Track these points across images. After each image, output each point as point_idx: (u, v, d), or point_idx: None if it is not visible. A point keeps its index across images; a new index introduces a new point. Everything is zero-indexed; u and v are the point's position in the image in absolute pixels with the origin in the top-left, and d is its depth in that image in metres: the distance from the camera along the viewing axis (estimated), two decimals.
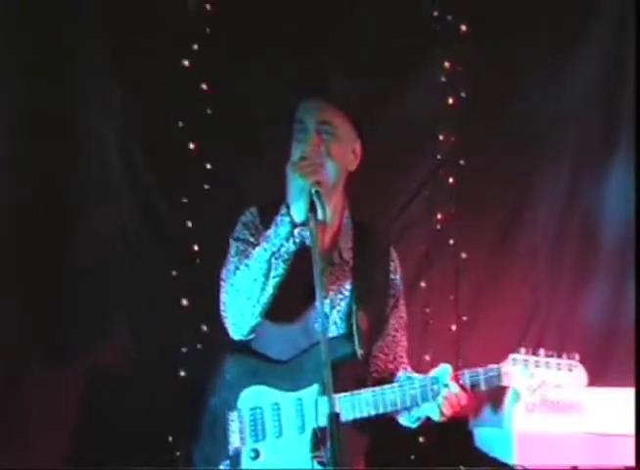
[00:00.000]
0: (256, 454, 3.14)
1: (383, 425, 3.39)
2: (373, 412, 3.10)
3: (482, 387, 3.08)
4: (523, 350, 3.07)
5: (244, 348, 3.25)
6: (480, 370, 3.09)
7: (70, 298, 4.13)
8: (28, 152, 4.09)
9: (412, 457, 4.38)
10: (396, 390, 3.10)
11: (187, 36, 4.26)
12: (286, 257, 3.09)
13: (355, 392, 3.10)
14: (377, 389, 3.11)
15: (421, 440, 4.39)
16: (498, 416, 3.94)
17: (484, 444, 4.10)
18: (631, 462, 3.86)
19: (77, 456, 4.09)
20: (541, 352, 3.05)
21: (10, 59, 4.08)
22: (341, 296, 3.22)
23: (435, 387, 3.08)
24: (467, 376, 3.08)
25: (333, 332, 3.19)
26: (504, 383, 3.05)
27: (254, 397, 3.18)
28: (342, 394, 3.07)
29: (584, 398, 3.92)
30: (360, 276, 3.24)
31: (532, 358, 3.05)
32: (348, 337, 3.13)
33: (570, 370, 3.04)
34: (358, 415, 3.09)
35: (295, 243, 3.09)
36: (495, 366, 3.06)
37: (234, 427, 3.17)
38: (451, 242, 4.50)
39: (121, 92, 4.23)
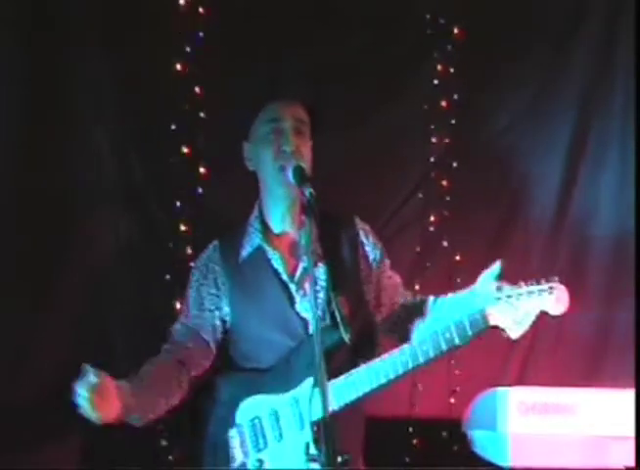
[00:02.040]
0: (260, 463, 3.15)
1: (377, 427, 3.42)
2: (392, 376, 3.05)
3: (469, 332, 3.00)
4: (502, 285, 3.00)
5: (231, 366, 3.30)
6: (464, 316, 3.02)
7: (65, 300, 4.13)
8: (24, 157, 4.08)
9: (407, 460, 4.40)
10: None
11: (180, 39, 4.25)
12: None
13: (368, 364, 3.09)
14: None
15: (415, 442, 4.43)
16: (492, 419, 4.00)
17: (478, 446, 4.11)
18: (624, 463, 3.90)
19: (74, 460, 4.09)
20: (521, 283, 2.98)
21: (5, 62, 4.06)
22: (318, 288, 3.19)
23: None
24: (453, 328, 3.01)
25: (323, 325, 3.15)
26: (491, 323, 2.99)
27: (252, 408, 3.20)
28: (356, 369, 3.08)
29: (578, 399, 4.00)
30: (331, 262, 3.20)
31: (514, 292, 2.97)
32: (334, 325, 3.07)
33: (551, 293, 2.95)
34: (375, 384, 3.06)
35: None
36: (478, 309, 3.00)
37: (235, 443, 3.19)
38: (445, 244, 4.55)
39: (116, 96, 4.23)
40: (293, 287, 3.26)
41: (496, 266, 3.02)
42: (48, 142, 4.13)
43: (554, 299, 2.96)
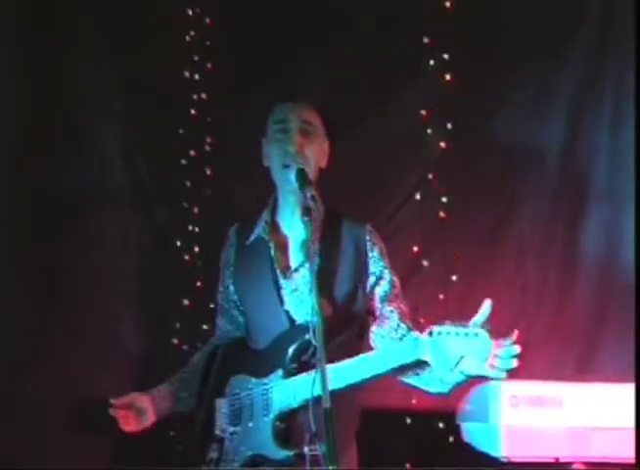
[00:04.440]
0: (232, 436, 3.26)
1: (375, 418, 3.56)
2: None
3: (400, 361, 3.01)
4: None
5: (232, 339, 3.43)
6: (403, 344, 3.04)
7: (75, 298, 4.23)
8: (31, 160, 4.17)
9: (404, 450, 4.49)
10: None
11: (188, 47, 4.42)
12: None
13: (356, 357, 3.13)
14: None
15: (412, 433, 4.52)
16: (484, 411, 4.06)
17: (472, 437, 4.17)
18: (610, 453, 3.98)
19: (82, 452, 4.17)
20: (447, 322, 2.91)
21: (11, 66, 4.17)
22: (310, 285, 3.11)
23: None
24: (392, 353, 3.04)
25: (302, 320, 3.23)
26: (421, 357, 2.94)
27: (236, 385, 3.30)
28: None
29: (567, 393, 4.04)
30: (326, 264, 3.23)
31: (444, 329, 2.87)
32: (309, 325, 3.04)
33: (475, 337, 2.83)
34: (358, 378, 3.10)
35: None
36: (414, 338, 2.98)
37: (220, 411, 3.30)
38: (441, 244, 4.58)
39: (123, 101, 4.36)
40: (282, 281, 3.32)
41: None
42: (55, 148, 4.22)
43: (475, 345, 2.85)
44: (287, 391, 3.13)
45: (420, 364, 3.04)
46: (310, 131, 3.36)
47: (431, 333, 2.94)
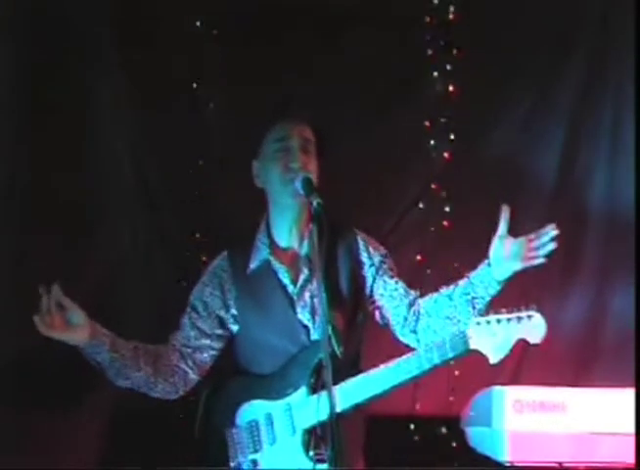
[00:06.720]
0: (254, 464, 3.31)
1: (380, 424, 3.62)
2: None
3: (450, 354, 3.12)
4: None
5: (237, 370, 3.45)
6: (446, 337, 3.13)
7: (85, 304, 4.18)
8: (42, 167, 4.18)
9: (408, 455, 4.51)
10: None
11: (196, 59, 4.46)
12: None
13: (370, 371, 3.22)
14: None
15: (416, 438, 4.59)
16: (488, 416, 4.13)
17: (476, 442, 4.23)
18: (613, 458, 4.06)
19: (92, 457, 4.22)
20: (502, 310, 3.11)
21: (24, 75, 4.18)
22: (318, 300, 3.19)
23: None
24: (435, 348, 3.13)
25: (318, 335, 3.29)
26: (471, 346, 3.09)
27: (250, 411, 3.35)
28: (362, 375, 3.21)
29: (569, 398, 4.11)
30: (328, 274, 3.24)
31: (494, 317, 3.08)
32: (329, 338, 3.09)
33: (529, 321, 3.06)
34: (378, 391, 3.19)
35: None
36: (459, 331, 3.12)
37: (233, 442, 3.35)
38: (444, 252, 4.65)
39: (134, 110, 4.39)
40: (295, 298, 3.39)
41: None
42: (65, 154, 4.23)
43: (532, 327, 3.08)
44: (313, 406, 3.15)
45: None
46: (310, 149, 3.41)
47: (478, 323, 3.10)
